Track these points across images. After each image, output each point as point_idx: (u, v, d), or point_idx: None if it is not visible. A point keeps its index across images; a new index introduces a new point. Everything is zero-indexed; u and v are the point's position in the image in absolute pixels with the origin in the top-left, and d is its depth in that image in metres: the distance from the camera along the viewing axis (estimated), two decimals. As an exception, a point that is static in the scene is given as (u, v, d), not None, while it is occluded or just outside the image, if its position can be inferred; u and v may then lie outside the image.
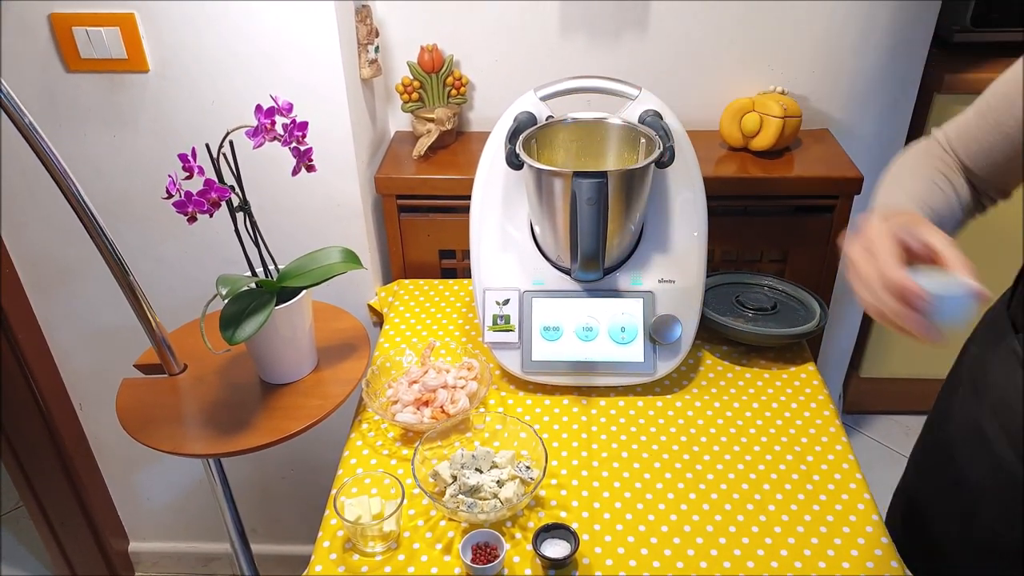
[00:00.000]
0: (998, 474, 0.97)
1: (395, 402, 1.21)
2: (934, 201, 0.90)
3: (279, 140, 1.07)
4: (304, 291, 1.18)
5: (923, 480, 1.16)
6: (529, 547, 1.00)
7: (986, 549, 1.02)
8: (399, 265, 1.61)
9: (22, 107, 0.97)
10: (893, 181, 0.95)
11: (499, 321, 1.25)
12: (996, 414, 0.97)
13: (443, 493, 1.06)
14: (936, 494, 1.10)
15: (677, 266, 1.26)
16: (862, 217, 0.82)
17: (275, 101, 1.05)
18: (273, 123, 1.05)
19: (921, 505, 1.15)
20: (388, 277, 1.68)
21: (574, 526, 1.02)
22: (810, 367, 1.31)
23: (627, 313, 1.24)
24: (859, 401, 2.35)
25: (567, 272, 1.26)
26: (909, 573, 0.98)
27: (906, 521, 1.18)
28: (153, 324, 1.18)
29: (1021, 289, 0.97)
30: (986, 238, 1.99)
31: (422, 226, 1.56)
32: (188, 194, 1.03)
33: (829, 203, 1.52)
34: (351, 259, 1.20)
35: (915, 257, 0.75)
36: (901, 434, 2.33)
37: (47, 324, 1.67)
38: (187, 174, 1.04)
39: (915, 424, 2.34)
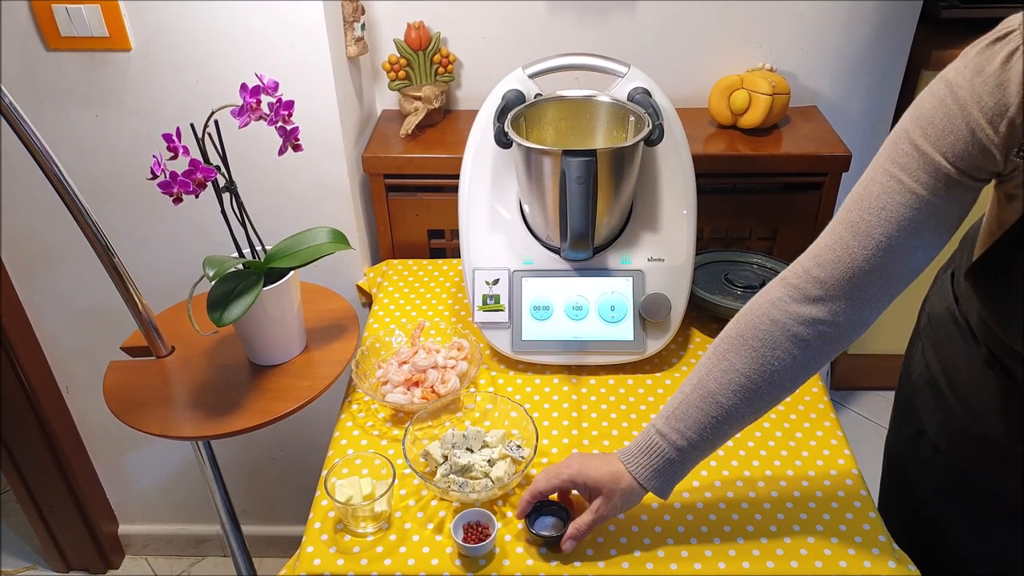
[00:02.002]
0: (951, 421, 1.01)
1: (385, 383, 1.21)
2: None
3: (265, 119, 1.05)
4: (292, 272, 1.17)
5: (894, 427, 1.20)
6: (521, 525, 1.01)
7: (948, 492, 1.05)
8: (388, 245, 1.60)
9: (2, 87, 0.96)
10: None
11: (489, 301, 1.25)
12: (946, 372, 1.01)
13: (434, 473, 1.06)
14: (905, 441, 1.14)
15: (666, 244, 1.26)
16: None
17: (260, 80, 1.04)
18: (259, 102, 1.04)
19: (894, 454, 1.18)
20: (377, 257, 1.67)
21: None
22: (799, 344, 1.31)
23: (617, 292, 1.24)
24: (847, 377, 2.37)
25: (556, 251, 1.26)
26: (896, 547, 0.99)
27: (886, 476, 1.21)
28: (139, 306, 1.17)
29: (958, 259, 1.01)
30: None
31: (410, 206, 1.56)
32: (173, 174, 1.02)
33: (818, 180, 1.52)
34: (339, 239, 1.19)
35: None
36: (888, 410, 2.35)
37: (32, 307, 1.65)
38: (172, 154, 1.03)
39: (902, 400, 2.37)
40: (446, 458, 1.07)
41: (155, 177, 1.02)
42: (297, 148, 1.10)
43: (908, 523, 1.12)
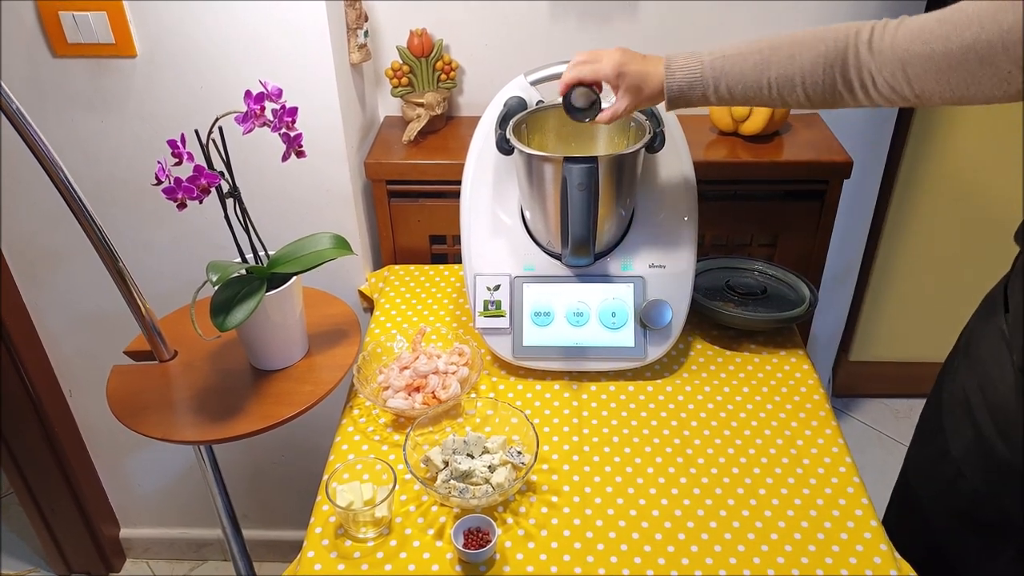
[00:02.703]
0: (980, 444, 1.00)
1: (386, 388, 1.21)
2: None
3: (268, 126, 1.06)
4: (294, 277, 1.18)
5: (916, 448, 1.18)
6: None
7: (967, 518, 1.04)
8: (389, 251, 1.61)
9: (9, 93, 0.96)
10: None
11: (490, 307, 1.25)
12: (982, 388, 1.00)
13: (435, 479, 1.06)
14: (926, 462, 1.13)
15: (667, 251, 1.26)
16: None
17: (264, 87, 1.04)
18: (262, 109, 1.05)
19: (912, 474, 1.17)
20: (378, 263, 1.67)
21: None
22: (800, 351, 1.32)
23: (618, 298, 1.25)
24: (848, 384, 2.37)
25: (558, 257, 1.26)
26: (899, 556, 0.99)
27: (898, 495, 1.20)
28: (143, 310, 1.17)
29: (1015, 271, 0.98)
30: (988, 225, 2.01)
31: (412, 211, 1.56)
32: (178, 180, 1.03)
33: (819, 187, 1.53)
34: (341, 245, 1.20)
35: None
36: (890, 417, 2.35)
37: (36, 310, 1.66)
38: (176, 160, 1.04)
39: (903, 407, 2.37)
40: (447, 464, 1.07)
41: (160, 183, 1.03)
42: (300, 154, 1.10)
43: (914, 543, 1.11)
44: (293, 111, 1.07)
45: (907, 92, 0.87)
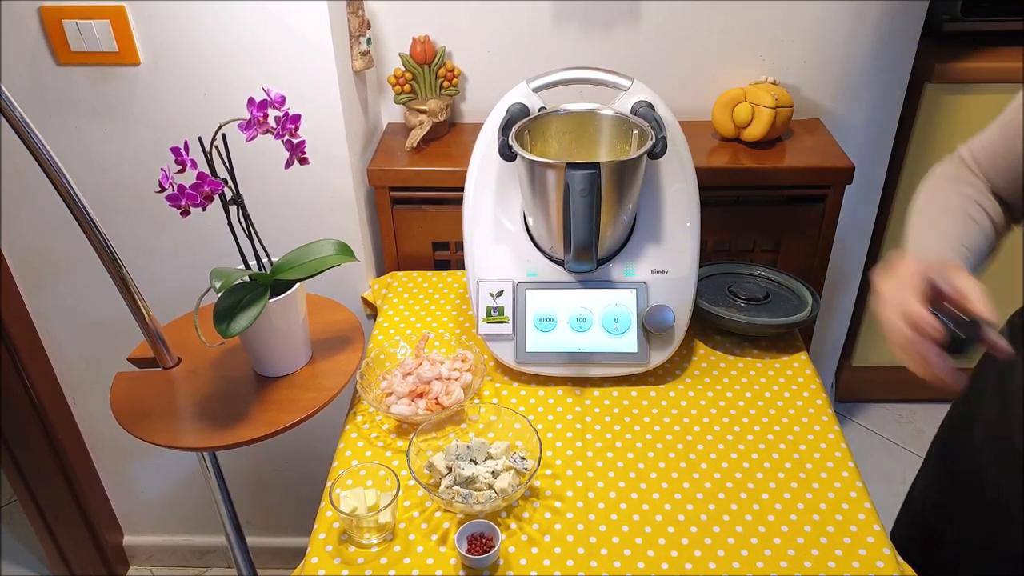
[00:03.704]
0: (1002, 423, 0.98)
1: (390, 394, 1.21)
2: (969, 238, 0.89)
3: (272, 133, 1.06)
4: (298, 284, 1.18)
5: (944, 492, 1.14)
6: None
7: (1014, 570, 1.01)
8: (392, 257, 1.61)
9: (13, 100, 0.97)
10: (924, 219, 0.93)
11: (493, 312, 1.26)
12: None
13: (438, 484, 1.06)
14: (960, 508, 1.09)
15: (670, 256, 1.26)
16: (895, 254, 0.85)
17: (267, 94, 1.05)
18: (266, 116, 1.05)
19: (940, 520, 1.14)
20: (381, 269, 1.68)
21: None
22: (802, 356, 1.32)
23: (620, 304, 1.25)
24: (851, 389, 2.36)
25: (560, 263, 1.26)
26: (901, 560, 0.99)
27: (923, 536, 1.17)
28: (146, 317, 1.18)
29: None
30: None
31: (415, 218, 1.56)
32: (181, 187, 1.03)
33: (821, 193, 1.53)
34: (344, 251, 1.20)
35: (946, 300, 0.79)
36: (892, 422, 2.35)
37: (39, 317, 1.66)
38: (180, 167, 1.04)
39: (906, 412, 2.36)
40: (450, 469, 1.07)
41: (163, 190, 1.03)
42: (304, 161, 1.11)
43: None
44: (296, 118, 1.07)
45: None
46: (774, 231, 1.59)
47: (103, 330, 1.66)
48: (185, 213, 1.05)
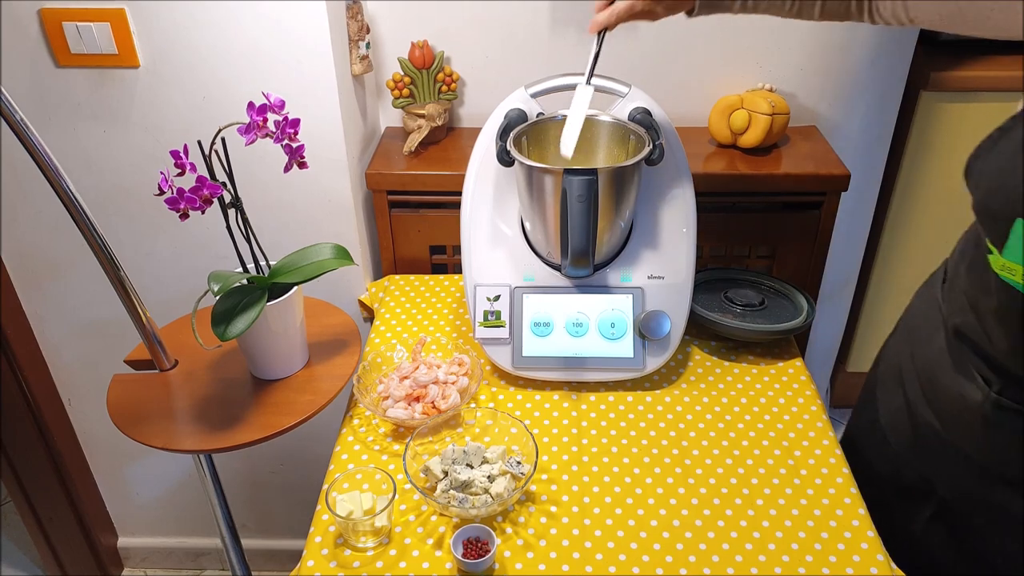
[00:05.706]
0: (906, 409, 1.07)
1: (386, 398, 1.21)
2: None
3: (271, 137, 1.07)
4: (295, 287, 1.18)
5: (852, 420, 1.27)
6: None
7: (892, 482, 1.11)
8: (390, 261, 1.61)
9: (12, 102, 0.97)
10: None
11: (490, 317, 1.26)
12: (912, 355, 1.07)
13: (434, 488, 1.07)
14: (859, 432, 1.20)
15: (666, 262, 1.27)
16: None
17: (267, 98, 1.05)
18: (265, 120, 1.05)
19: (846, 445, 1.22)
20: (379, 273, 1.68)
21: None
22: (797, 362, 1.32)
23: (617, 309, 1.25)
24: (846, 395, 2.37)
25: (557, 268, 1.27)
26: (895, 566, 1.00)
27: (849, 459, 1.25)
28: (144, 320, 1.18)
29: (958, 244, 1.06)
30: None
31: (413, 222, 1.57)
32: (180, 191, 1.03)
33: (817, 200, 1.54)
34: (342, 255, 1.20)
35: None
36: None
37: (36, 319, 1.66)
38: (179, 171, 1.04)
39: (901, 418, 2.37)
40: (446, 473, 1.07)
41: (162, 193, 1.03)
42: (302, 165, 1.11)
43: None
44: (295, 122, 1.08)
45: (904, 19, 0.98)
46: (770, 237, 1.59)
47: (100, 332, 1.66)
48: (184, 216, 1.05)
